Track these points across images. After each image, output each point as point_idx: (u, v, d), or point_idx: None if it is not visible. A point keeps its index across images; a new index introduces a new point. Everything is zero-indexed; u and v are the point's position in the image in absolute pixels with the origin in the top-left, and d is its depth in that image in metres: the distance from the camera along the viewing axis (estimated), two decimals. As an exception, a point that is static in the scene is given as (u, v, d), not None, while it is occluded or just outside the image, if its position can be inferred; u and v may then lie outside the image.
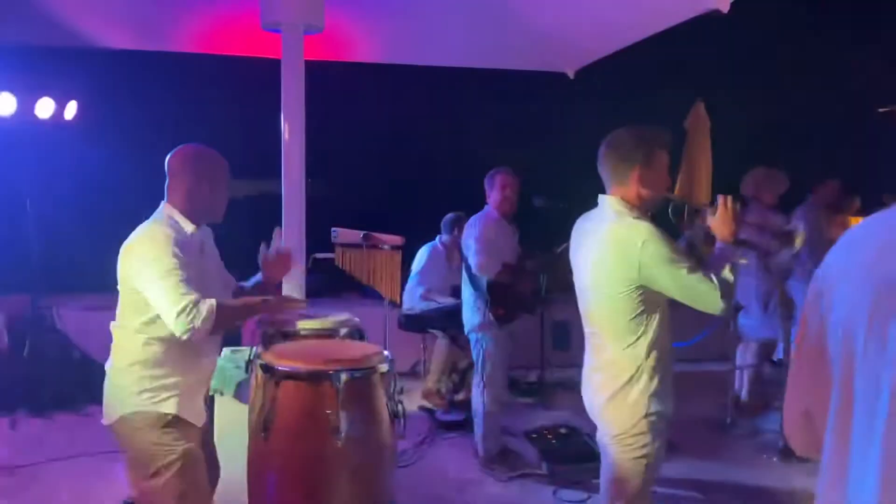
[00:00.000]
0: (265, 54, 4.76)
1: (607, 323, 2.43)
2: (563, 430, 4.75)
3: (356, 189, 7.53)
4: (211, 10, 4.61)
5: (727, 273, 2.30)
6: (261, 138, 4.68)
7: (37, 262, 5.53)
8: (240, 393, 3.17)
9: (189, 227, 2.46)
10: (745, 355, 5.42)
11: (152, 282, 2.28)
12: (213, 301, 2.26)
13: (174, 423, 2.40)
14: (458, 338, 5.58)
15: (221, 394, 3.18)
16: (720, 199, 2.44)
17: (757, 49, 7.63)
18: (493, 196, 4.37)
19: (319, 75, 4.33)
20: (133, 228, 2.45)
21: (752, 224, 4.71)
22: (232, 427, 2.88)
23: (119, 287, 2.45)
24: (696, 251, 2.63)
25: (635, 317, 2.37)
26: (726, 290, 2.27)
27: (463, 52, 5.75)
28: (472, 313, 4.36)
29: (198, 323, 2.23)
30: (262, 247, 2.76)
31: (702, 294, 2.27)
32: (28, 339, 5.42)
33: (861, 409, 0.88)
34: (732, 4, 3.85)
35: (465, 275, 4.41)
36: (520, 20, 4.97)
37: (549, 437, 4.68)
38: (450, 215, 5.92)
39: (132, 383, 2.40)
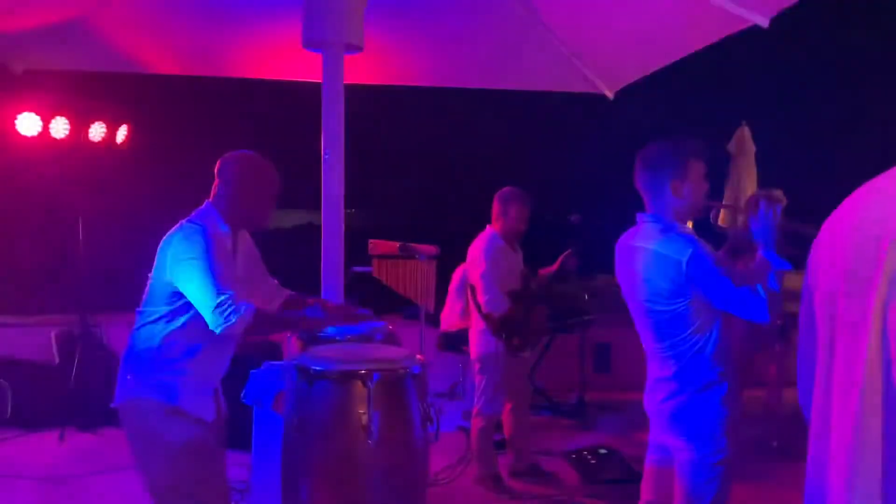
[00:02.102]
0: (308, 77, 4.88)
1: (668, 338, 2.45)
2: (603, 451, 4.68)
3: (395, 210, 7.61)
4: (254, 34, 4.74)
5: (772, 282, 2.30)
6: (303, 164, 4.78)
7: (87, 281, 5.70)
8: (277, 404, 3.20)
9: (223, 228, 2.52)
10: None
11: (189, 279, 2.35)
12: (252, 306, 2.32)
13: (178, 413, 2.44)
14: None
15: (260, 405, 3.22)
16: (763, 205, 2.43)
17: (799, 63, 7.54)
18: (504, 222, 4.27)
19: (358, 99, 4.42)
20: None
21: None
22: (270, 437, 2.91)
23: (151, 274, 2.51)
24: (739, 258, 2.61)
25: (695, 329, 2.39)
26: (773, 300, 2.27)
27: (501, 75, 5.80)
28: (480, 342, 4.26)
29: (234, 320, 2.30)
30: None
31: (748, 305, 2.29)
32: (77, 355, 5.56)
33: (841, 369, 0.89)
34: (773, 19, 3.83)
35: (473, 302, 4.29)
36: (558, 41, 5.01)
37: (589, 457, 4.62)
38: None
39: (146, 369, 2.47)
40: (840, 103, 7.49)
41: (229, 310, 2.30)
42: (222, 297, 2.30)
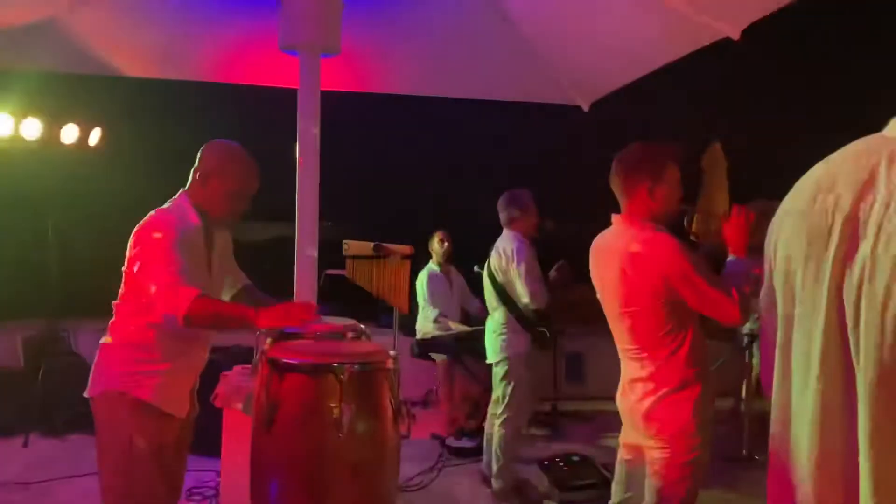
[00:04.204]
0: (283, 83, 4.87)
1: (644, 338, 2.48)
2: (575, 459, 4.69)
3: (369, 219, 7.59)
4: (230, 38, 4.73)
5: (744, 285, 2.34)
6: (275, 172, 4.75)
7: (56, 286, 5.61)
8: (249, 406, 3.17)
9: (194, 220, 2.50)
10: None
11: (146, 261, 2.32)
12: (195, 290, 2.27)
13: (148, 410, 2.41)
14: (471, 366, 5.59)
15: (231, 407, 3.19)
16: (734, 209, 2.49)
17: (770, 75, 7.67)
18: (525, 221, 4.32)
19: (334, 107, 4.41)
20: None
21: None
22: (241, 440, 2.88)
23: (125, 267, 2.49)
24: (712, 262, 2.66)
25: (671, 330, 2.43)
26: (744, 302, 2.32)
27: (478, 85, 5.83)
28: (505, 342, 4.25)
29: (174, 305, 2.23)
30: None
31: (721, 306, 2.33)
32: (43, 361, 5.47)
33: (800, 344, 0.92)
34: (744, 32, 3.89)
35: (499, 304, 4.30)
36: (534, 53, 5.04)
37: (562, 465, 4.63)
38: (437, 236, 6.00)
39: (120, 362, 2.44)
40: (810, 113, 7.62)
41: (173, 292, 2.25)
42: (169, 281, 2.26)
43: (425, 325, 5.80)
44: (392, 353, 2.23)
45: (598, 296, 2.64)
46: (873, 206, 0.83)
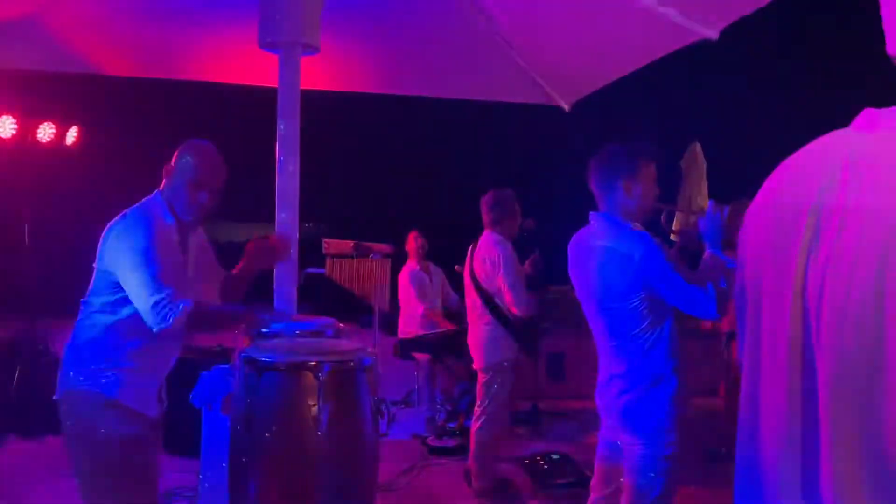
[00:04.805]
0: (263, 82, 4.84)
1: (621, 334, 2.50)
2: (555, 457, 4.71)
3: (349, 219, 7.58)
4: (209, 36, 4.69)
5: (721, 281, 2.37)
6: (255, 171, 4.73)
7: (32, 286, 5.55)
8: (227, 406, 3.15)
9: (168, 218, 2.48)
10: None
11: (129, 270, 2.30)
12: (190, 302, 2.27)
13: (118, 407, 2.39)
14: (452, 365, 5.59)
15: (209, 407, 3.17)
16: (711, 206, 2.51)
17: (749, 75, 7.76)
18: (509, 222, 4.30)
19: (314, 106, 4.39)
20: None
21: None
22: (219, 440, 2.86)
23: (95, 265, 2.46)
24: (687, 258, 2.68)
25: (648, 325, 2.45)
26: (721, 297, 2.34)
27: (459, 85, 5.84)
28: (491, 348, 4.23)
29: (170, 321, 2.25)
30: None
31: (697, 303, 2.36)
32: (19, 362, 5.40)
33: (767, 334, 0.94)
34: (722, 32, 3.93)
35: (480, 307, 4.27)
36: (516, 54, 5.06)
37: (542, 463, 4.64)
38: (412, 234, 6.01)
39: (86, 360, 2.41)
40: (788, 112, 7.71)
41: (166, 309, 2.26)
42: (160, 296, 2.26)
43: (409, 325, 5.79)
44: (370, 351, 2.23)
45: (577, 293, 2.66)
46: (838, 196, 0.85)
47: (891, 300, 0.76)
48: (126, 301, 2.38)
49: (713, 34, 3.93)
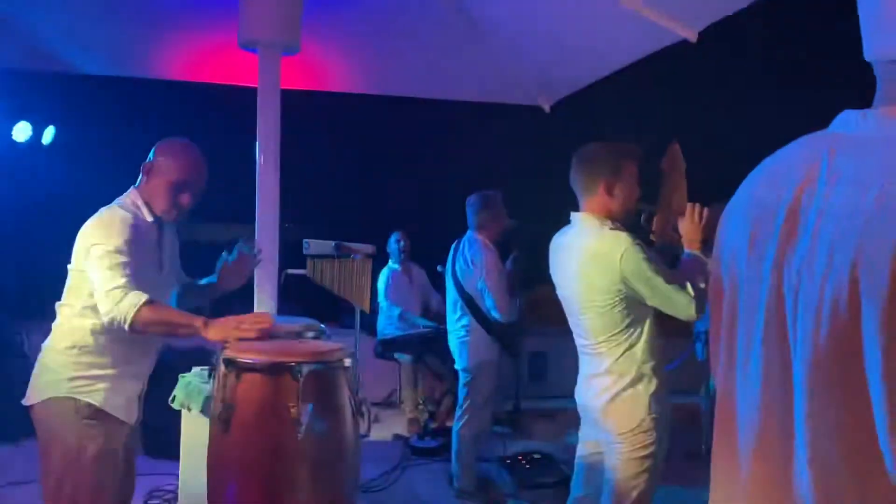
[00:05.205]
0: (242, 81, 4.81)
1: (601, 334, 2.50)
2: (536, 456, 4.73)
3: (330, 219, 7.54)
4: (189, 35, 4.66)
5: (699, 281, 2.39)
6: (235, 171, 4.69)
7: (9, 287, 5.47)
8: (207, 408, 3.13)
9: (148, 217, 2.45)
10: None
11: (94, 260, 2.26)
12: (143, 296, 2.22)
13: (98, 416, 2.35)
14: (433, 365, 5.59)
15: (189, 409, 3.14)
16: (689, 207, 2.53)
17: (728, 76, 7.82)
18: (495, 225, 4.31)
19: (294, 105, 4.37)
20: None
21: None
22: (199, 442, 2.84)
23: (70, 266, 2.42)
24: (667, 258, 2.70)
25: (628, 325, 2.47)
26: (700, 298, 2.36)
27: (440, 85, 5.84)
28: (472, 350, 4.24)
29: (120, 310, 2.18)
30: (225, 253, 2.74)
31: (676, 302, 2.38)
32: (-5, 363, 5.33)
33: (743, 327, 0.95)
34: (701, 34, 3.96)
35: (462, 308, 4.28)
36: (496, 54, 5.07)
37: (523, 462, 4.65)
38: (395, 235, 6.02)
39: (65, 367, 2.35)
40: (767, 114, 7.78)
41: (118, 298, 2.19)
42: (114, 284, 2.20)
43: (387, 324, 5.79)
44: (350, 351, 2.22)
45: (558, 292, 2.67)
46: (814, 195, 0.86)
47: (866, 297, 0.77)
48: None
49: (692, 36, 3.97)
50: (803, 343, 0.85)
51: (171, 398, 3.20)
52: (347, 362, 2.18)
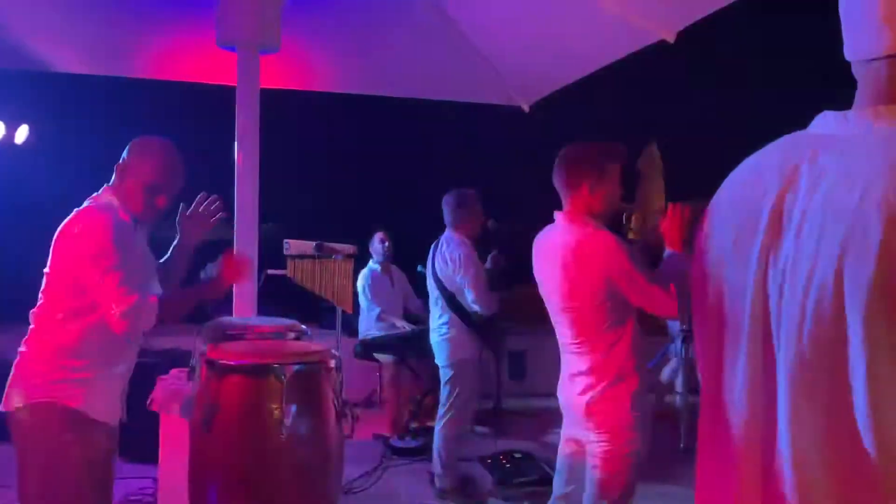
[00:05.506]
0: (221, 80, 4.77)
1: (584, 333, 2.52)
2: (517, 455, 4.74)
3: (310, 219, 7.51)
4: (166, 33, 4.61)
5: (681, 280, 2.41)
6: (213, 171, 4.64)
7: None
8: (186, 410, 3.09)
9: (124, 216, 2.40)
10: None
11: (96, 277, 2.22)
12: (154, 301, 2.23)
13: (79, 420, 2.30)
14: (414, 365, 5.59)
15: (167, 411, 3.11)
16: (671, 206, 2.55)
17: (705, 77, 7.89)
18: (471, 222, 4.31)
19: (273, 104, 4.34)
20: None
21: None
22: (178, 445, 2.81)
23: (48, 269, 2.37)
24: (647, 257, 2.72)
25: (610, 324, 2.48)
26: (681, 297, 2.38)
27: (419, 84, 5.83)
28: (453, 347, 4.25)
29: (140, 324, 2.21)
30: (183, 205, 2.72)
31: (659, 302, 2.40)
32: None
33: (729, 327, 0.96)
34: (679, 34, 3.99)
35: (443, 306, 4.28)
36: (476, 54, 5.07)
37: (504, 461, 4.66)
38: (377, 236, 6.00)
39: (47, 371, 2.31)
40: (743, 114, 7.87)
41: (135, 314, 2.19)
42: (128, 304, 2.19)
43: (368, 325, 5.77)
44: (334, 352, 2.21)
45: (541, 291, 2.68)
46: (797, 196, 0.87)
47: (849, 298, 0.78)
48: (93, 306, 2.28)
49: (670, 36, 4.00)
50: (787, 342, 0.85)
51: (148, 400, 3.16)
52: (332, 363, 2.16)
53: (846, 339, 0.78)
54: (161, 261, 2.71)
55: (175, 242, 2.75)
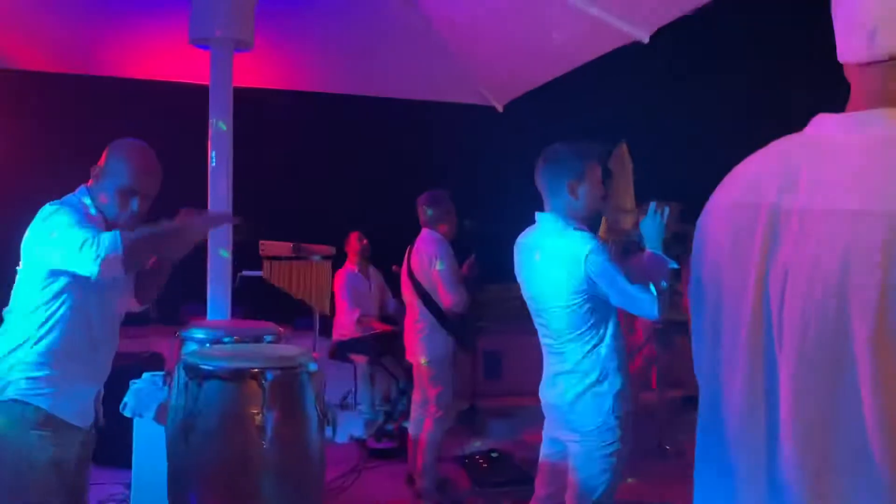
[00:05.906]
0: (193, 79, 4.70)
1: (566, 333, 2.53)
2: (494, 455, 4.74)
3: (284, 220, 7.44)
4: (138, 31, 4.54)
5: (662, 280, 2.42)
6: (186, 171, 4.55)
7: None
8: (160, 415, 3.05)
9: (93, 216, 2.31)
10: None
11: (57, 242, 2.14)
12: (116, 232, 2.11)
13: (48, 422, 2.23)
14: (390, 366, 5.57)
15: (141, 416, 3.06)
16: (650, 206, 2.57)
17: (679, 78, 7.95)
18: (446, 221, 4.31)
19: (247, 103, 4.28)
20: None
21: None
22: (152, 451, 2.77)
23: (20, 268, 2.31)
24: (630, 257, 2.74)
25: (592, 324, 2.49)
26: (662, 297, 2.39)
27: (394, 83, 5.81)
28: (432, 346, 4.24)
29: (102, 252, 2.05)
30: None
31: (640, 302, 2.41)
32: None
33: (727, 330, 0.96)
34: (653, 35, 4.02)
35: (418, 304, 4.28)
36: (449, 53, 5.07)
37: (481, 461, 4.66)
38: (355, 236, 5.99)
39: (16, 369, 2.24)
40: (717, 116, 7.95)
41: (94, 243, 2.06)
42: (85, 237, 2.07)
43: (345, 327, 5.74)
44: (314, 355, 2.18)
45: (523, 292, 2.68)
46: (798, 198, 0.87)
47: (854, 300, 0.78)
48: (61, 292, 2.22)
49: (644, 37, 4.03)
50: (789, 343, 0.85)
51: (121, 405, 3.11)
52: (313, 367, 2.13)
53: (851, 339, 0.78)
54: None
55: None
